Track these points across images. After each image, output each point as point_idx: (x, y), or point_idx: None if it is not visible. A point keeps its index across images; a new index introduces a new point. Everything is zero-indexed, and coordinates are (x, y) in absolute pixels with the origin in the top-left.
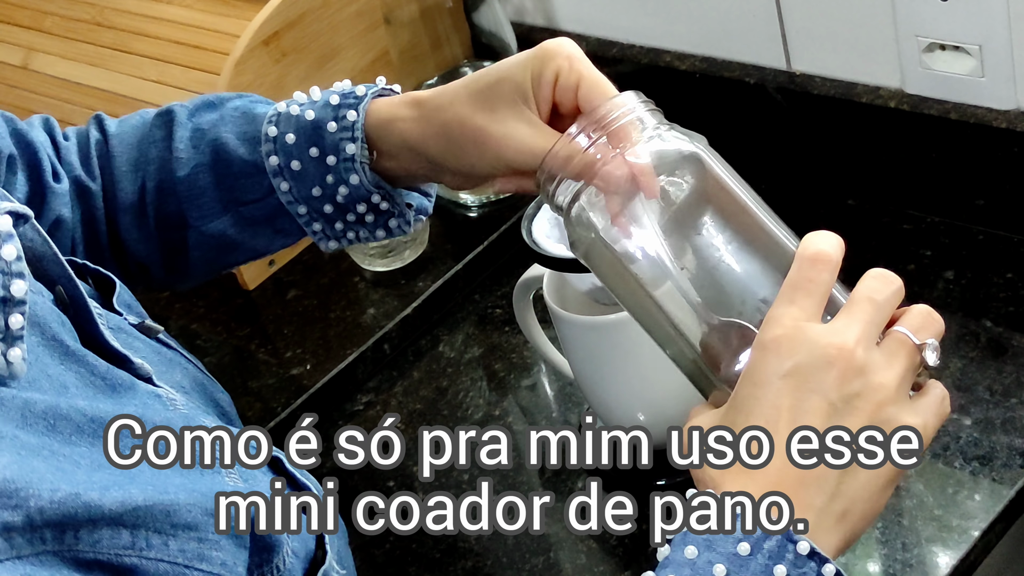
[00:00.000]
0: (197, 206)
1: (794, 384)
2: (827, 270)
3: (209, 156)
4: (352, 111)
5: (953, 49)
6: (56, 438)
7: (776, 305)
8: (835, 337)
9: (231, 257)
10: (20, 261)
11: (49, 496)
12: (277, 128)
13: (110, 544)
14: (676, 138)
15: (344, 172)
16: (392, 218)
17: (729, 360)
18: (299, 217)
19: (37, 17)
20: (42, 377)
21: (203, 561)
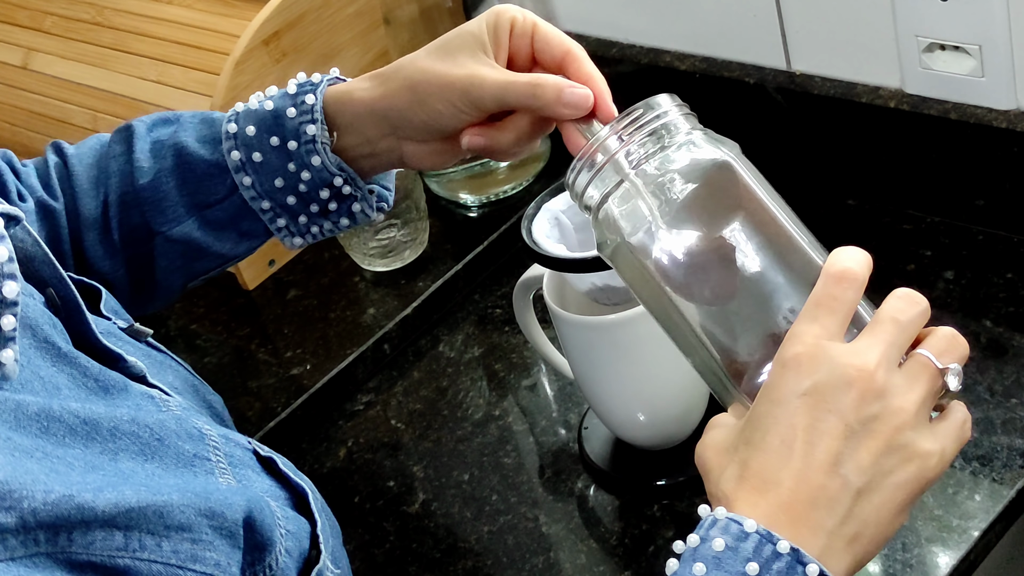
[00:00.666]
0: (161, 211)
1: (812, 403)
2: (852, 288)
3: (171, 161)
4: (310, 95)
5: (953, 49)
6: (49, 440)
7: (798, 322)
8: (856, 358)
9: (197, 265)
10: (12, 263)
11: (43, 498)
12: (237, 124)
13: (103, 546)
14: (708, 144)
15: (306, 155)
16: (356, 202)
17: (751, 373)
18: (263, 214)
19: (37, 17)
20: (34, 379)
21: (196, 562)
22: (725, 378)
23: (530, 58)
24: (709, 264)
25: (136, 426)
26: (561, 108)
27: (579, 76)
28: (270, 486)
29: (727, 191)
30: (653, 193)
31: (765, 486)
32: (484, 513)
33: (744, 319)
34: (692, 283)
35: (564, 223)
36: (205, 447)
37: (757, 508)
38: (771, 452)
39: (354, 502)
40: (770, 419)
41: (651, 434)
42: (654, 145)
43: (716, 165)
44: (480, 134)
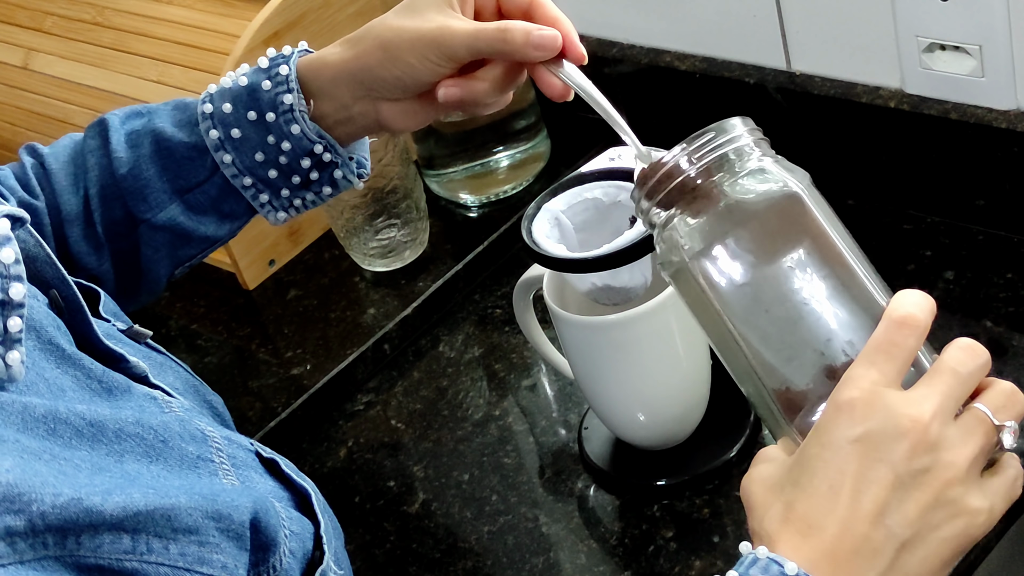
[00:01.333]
0: (144, 198)
1: (863, 451)
2: (914, 335)
3: (149, 148)
4: (283, 66)
5: (953, 49)
6: (56, 442)
7: (856, 365)
8: (911, 408)
9: (182, 251)
10: (18, 264)
11: (51, 501)
12: (212, 104)
13: (111, 549)
14: (779, 172)
15: (285, 124)
16: (337, 168)
17: (805, 410)
18: (245, 191)
19: (37, 17)
20: (39, 381)
21: (203, 564)
22: (777, 410)
23: (496, 10)
24: (769, 292)
25: (141, 428)
26: (531, 50)
27: (545, 19)
28: (273, 487)
29: (793, 221)
30: (719, 217)
31: (809, 530)
32: (484, 513)
33: (800, 350)
34: (751, 310)
35: (564, 223)
36: (208, 449)
37: (799, 552)
38: (818, 496)
39: (354, 502)
40: (819, 462)
41: (651, 434)
42: (724, 169)
43: (784, 195)
44: (455, 85)
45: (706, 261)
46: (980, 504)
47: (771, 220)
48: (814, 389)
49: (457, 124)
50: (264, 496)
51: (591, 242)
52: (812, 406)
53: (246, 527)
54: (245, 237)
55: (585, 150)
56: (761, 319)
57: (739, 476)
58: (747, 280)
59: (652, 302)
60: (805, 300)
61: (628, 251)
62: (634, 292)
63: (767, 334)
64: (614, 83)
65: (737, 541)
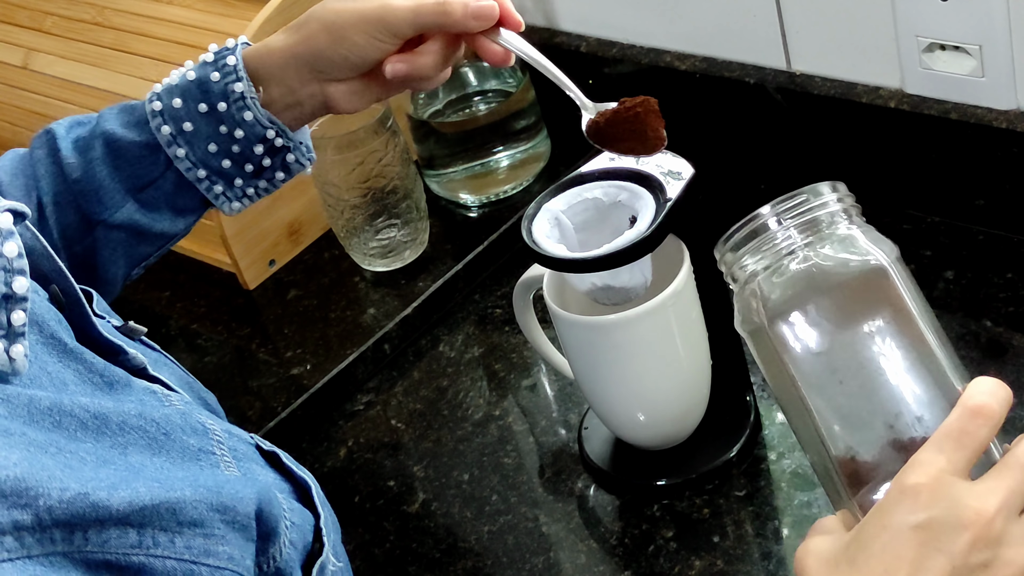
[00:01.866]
0: (99, 200)
1: (923, 539)
2: (987, 426)
3: (101, 150)
4: (230, 56)
5: (953, 49)
6: (62, 434)
7: (925, 449)
8: (976, 500)
9: (138, 250)
10: (21, 258)
11: (58, 496)
12: (161, 102)
13: (118, 544)
14: (867, 243)
15: (237, 112)
16: (289, 152)
17: (868, 486)
18: (199, 183)
19: (37, 17)
20: (42, 374)
21: (210, 556)
22: (839, 482)
23: None
24: (844, 362)
25: (143, 420)
26: (471, 21)
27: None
28: (275, 479)
29: (876, 294)
30: (801, 281)
31: None
32: (484, 513)
33: (870, 421)
34: (824, 378)
35: (564, 223)
36: (209, 441)
37: None
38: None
39: (354, 502)
40: (878, 544)
41: (651, 434)
42: (812, 233)
43: (870, 267)
44: (401, 60)
45: (784, 325)
46: None
47: (854, 291)
48: (880, 462)
49: (457, 124)
50: (267, 486)
51: (591, 242)
52: (876, 483)
53: (251, 518)
54: (245, 237)
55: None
56: (834, 388)
57: (739, 476)
58: (823, 348)
59: (652, 302)
60: (879, 372)
61: (628, 251)
62: (634, 292)
63: (838, 403)
64: (614, 83)
65: (737, 541)
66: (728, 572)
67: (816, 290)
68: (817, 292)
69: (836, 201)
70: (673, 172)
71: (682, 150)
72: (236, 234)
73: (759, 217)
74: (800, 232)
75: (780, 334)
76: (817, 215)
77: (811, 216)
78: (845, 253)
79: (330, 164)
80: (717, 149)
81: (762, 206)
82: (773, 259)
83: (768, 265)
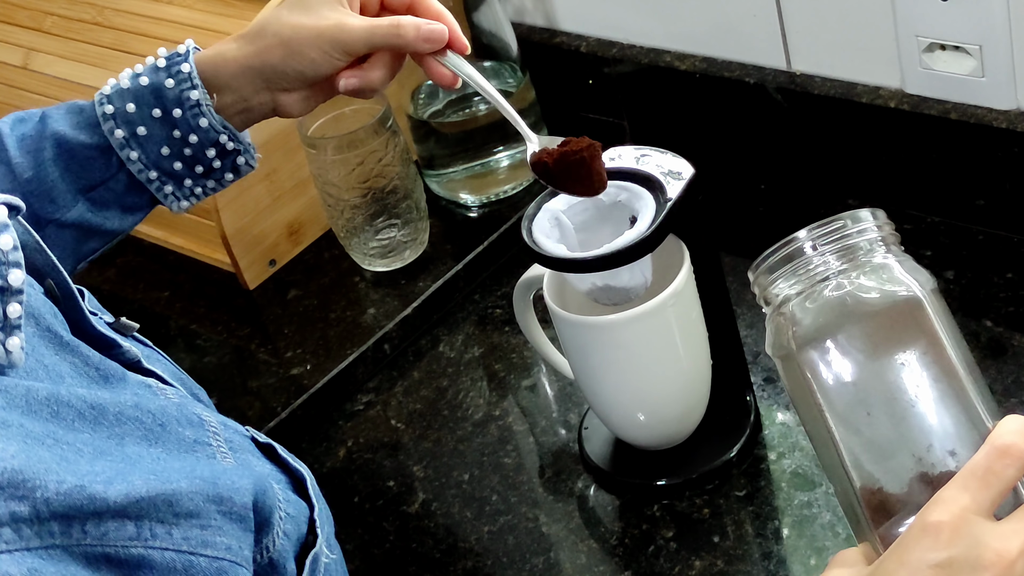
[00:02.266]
0: (51, 200)
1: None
2: (1014, 466)
3: (52, 151)
4: (184, 64)
5: (953, 49)
6: (60, 424)
7: (949, 487)
8: (998, 542)
9: (86, 246)
10: (17, 251)
11: (55, 488)
12: (113, 105)
13: (116, 536)
14: (903, 273)
15: (192, 119)
16: (240, 155)
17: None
18: (150, 184)
19: (37, 17)
20: (39, 367)
21: (208, 547)
22: (862, 514)
23: (379, 5)
24: (874, 393)
25: (139, 411)
26: (422, 43)
27: (429, 14)
28: (270, 470)
29: (910, 325)
30: (834, 308)
31: None
32: (484, 513)
33: (898, 453)
34: (852, 408)
35: (564, 223)
36: (205, 432)
37: None
38: None
39: (354, 502)
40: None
41: (651, 434)
42: (848, 260)
43: (904, 298)
44: (354, 75)
45: (814, 352)
46: None
47: (887, 321)
48: (905, 495)
49: (457, 124)
50: (263, 476)
51: (591, 242)
52: (900, 517)
53: (248, 508)
54: (245, 237)
55: None
56: (862, 419)
57: (739, 476)
58: (853, 378)
59: (652, 302)
60: (910, 404)
61: (628, 251)
62: (634, 292)
63: (865, 434)
64: (614, 83)
65: (737, 541)
66: (728, 572)
67: (848, 318)
68: (849, 320)
69: (874, 228)
70: (673, 172)
71: (682, 150)
72: (236, 234)
73: (795, 241)
74: (836, 258)
75: (810, 361)
76: (854, 242)
77: (848, 243)
78: (880, 282)
79: (330, 164)
80: (717, 149)
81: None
82: (807, 284)
83: (801, 290)
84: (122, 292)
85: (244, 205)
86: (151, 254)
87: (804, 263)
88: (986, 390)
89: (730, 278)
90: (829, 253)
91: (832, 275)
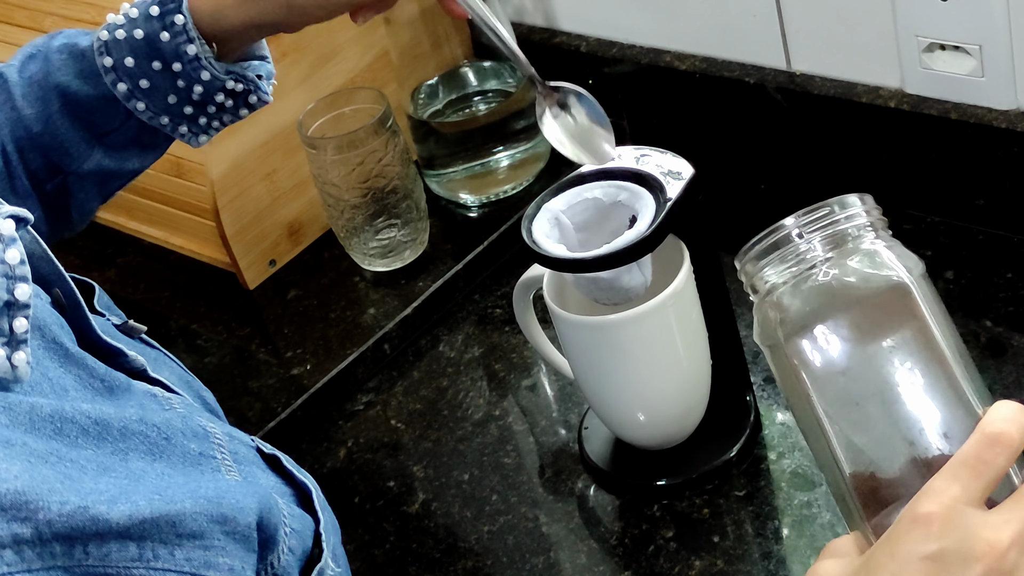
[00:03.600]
0: (66, 152)
1: (932, 570)
2: (1004, 454)
3: (57, 103)
4: (178, 14)
5: (953, 49)
6: (63, 442)
7: (938, 477)
8: (989, 531)
9: (110, 186)
10: (24, 265)
11: (58, 509)
12: (111, 56)
13: (118, 557)
14: (892, 258)
15: (193, 71)
16: (251, 94)
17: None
18: (163, 127)
19: (37, 17)
20: (43, 381)
21: (210, 568)
22: (853, 503)
23: None
24: (863, 381)
25: (144, 425)
26: None
27: None
28: (275, 483)
29: (898, 311)
30: (822, 295)
31: None
32: (484, 513)
33: (887, 441)
34: (841, 396)
35: (564, 223)
36: (210, 445)
37: None
38: None
39: (354, 502)
40: (886, 573)
41: (651, 434)
42: (835, 247)
43: (893, 283)
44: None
45: (802, 340)
46: None
47: (875, 307)
48: (896, 483)
49: (457, 124)
50: (268, 493)
51: (591, 242)
52: (893, 507)
53: (252, 528)
54: (245, 237)
55: None
56: (852, 406)
57: (739, 476)
58: (841, 365)
59: (652, 302)
60: (899, 391)
61: (628, 251)
62: (634, 292)
63: (856, 421)
64: (614, 83)
65: (737, 541)
66: (728, 572)
67: (836, 305)
68: (837, 307)
69: (862, 214)
70: (673, 172)
71: (682, 150)
72: (236, 234)
73: (782, 228)
74: (823, 245)
75: (798, 349)
76: (842, 228)
77: (835, 229)
78: (868, 268)
79: (330, 164)
80: (717, 149)
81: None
82: (794, 272)
83: (789, 278)
84: (122, 292)
85: (244, 205)
86: (151, 254)
87: (791, 250)
88: (977, 376)
89: (730, 278)
90: (816, 240)
91: (819, 262)
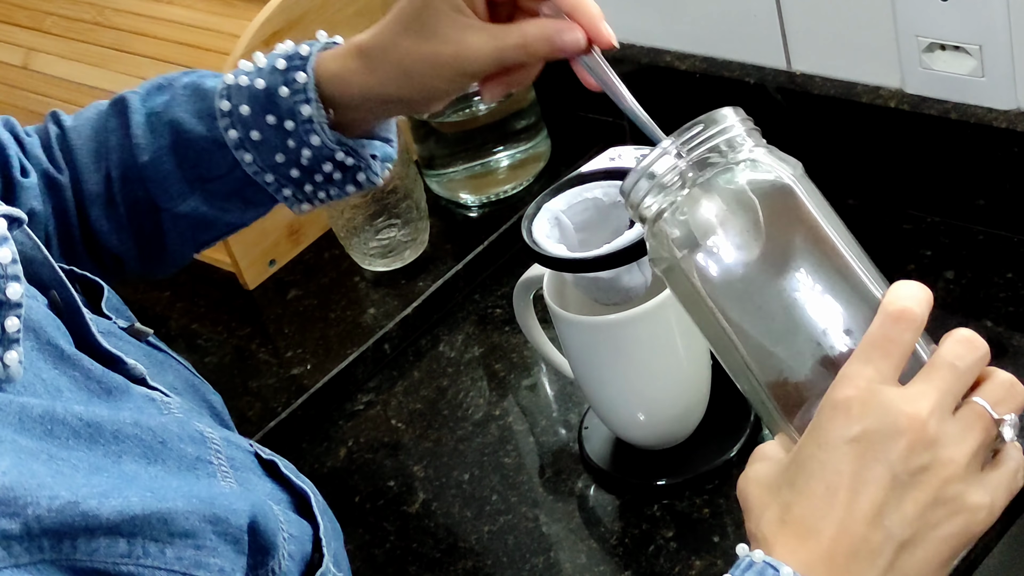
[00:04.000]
0: (164, 189)
1: (860, 451)
2: (910, 330)
3: (168, 138)
4: (301, 72)
5: (953, 49)
6: (53, 442)
7: (851, 362)
8: (908, 405)
9: (205, 235)
10: (15, 264)
11: (47, 504)
12: (230, 101)
13: (107, 552)
14: (770, 163)
15: (304, 134)
16: (360, 172)
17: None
18: (268, 185)
19: (37, 17)
20: (36, 381)
21: (200, 568)
22: (773, 407)
23: None
24: (762, 285)
25: (139, 429)
26: (558, 55)
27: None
28: (272, 489)
29: (785, 212)
30: (708, 211)
31: (806, 533)
32: (484, 513)
33: (796, 341)
34: (744, 304)
35: (564, 223)
36: (207, 450)
37: (796, 555)
38: (814, 498)
39: (354, 502)
40: (815, 463)
41: (651, 434)
42: (714, 161)
43: (775, 186)
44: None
45: (696, 256)
46: (981, 500)
47: (763, 212)
48: (811, 381)
49: (457, 124)
50: (262, 499)
51: (591, 242)
52: (810, 403)
53: (244, 531)
54: (245, 237)
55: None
56: (755, 313)
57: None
58: (739, 274)
59: (652, 302)
60: (799, 291)
61: (628, 251)
62: (634, 292)
63: (761, 328)
64: None
65: (737, 541)
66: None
67: (724, 217)
68: (725, 219)
69: (736, 125)
70: None
71: None
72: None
73: (659, 153)
74: (701, 161)
75: (693, 266)
76: (716, 142)
77: (711, 144)
78: (750, 175)
79: None
80: None
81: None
82: (678, 193)
83: (674, 200)
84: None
85: None
86: None
87: (671, 173)
88: (871, 265)
89: None
90: (695, 158)
91: (701, 178)
